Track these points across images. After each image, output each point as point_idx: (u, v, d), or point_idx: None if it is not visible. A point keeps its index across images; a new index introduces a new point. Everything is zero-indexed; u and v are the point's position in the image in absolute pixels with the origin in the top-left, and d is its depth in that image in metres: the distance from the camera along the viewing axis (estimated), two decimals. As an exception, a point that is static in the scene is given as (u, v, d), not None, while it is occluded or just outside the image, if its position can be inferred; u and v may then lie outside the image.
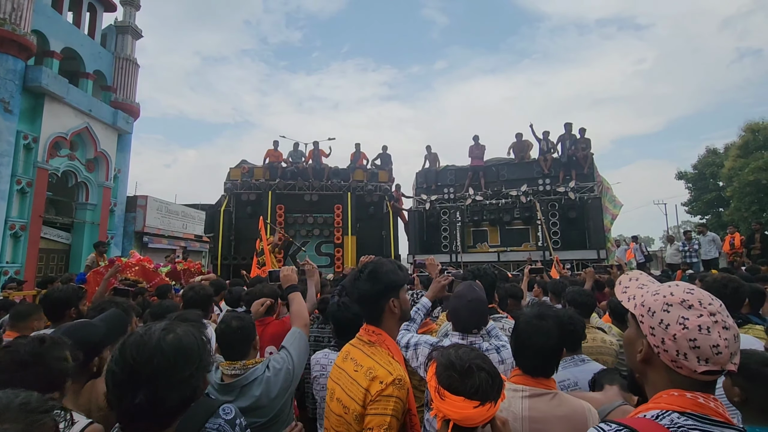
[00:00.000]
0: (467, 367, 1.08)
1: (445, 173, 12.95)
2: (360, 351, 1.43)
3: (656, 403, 0.86)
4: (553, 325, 1.41)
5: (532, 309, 1.53)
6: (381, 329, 1.45)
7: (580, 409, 1.32)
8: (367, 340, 1.45)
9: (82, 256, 15.84)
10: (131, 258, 5.98)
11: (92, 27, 18.21)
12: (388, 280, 1.45)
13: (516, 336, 1.47)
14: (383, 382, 1.28)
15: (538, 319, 1.43)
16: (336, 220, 12.02)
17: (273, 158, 12.59)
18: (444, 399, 1.06)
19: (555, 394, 1.36)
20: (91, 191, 16.94)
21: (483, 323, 1.94)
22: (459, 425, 1.06)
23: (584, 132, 11.52)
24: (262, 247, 7.73)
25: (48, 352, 1.14)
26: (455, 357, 1.12)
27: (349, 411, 1.33)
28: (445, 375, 1.09)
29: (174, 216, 22.59)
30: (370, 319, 1.48)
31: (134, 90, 19.46)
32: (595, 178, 11.30)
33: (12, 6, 13.08)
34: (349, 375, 1.39)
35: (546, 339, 1.39)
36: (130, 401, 0.91)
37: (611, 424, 0.85)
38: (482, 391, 1.05)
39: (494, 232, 12.11)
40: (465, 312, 1.91)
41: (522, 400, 1.34)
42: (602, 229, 10.79)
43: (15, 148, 13.31)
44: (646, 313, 0.89)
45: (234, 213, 12.18)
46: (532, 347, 1.39)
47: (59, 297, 2.46)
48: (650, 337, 0.87)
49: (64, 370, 1.15)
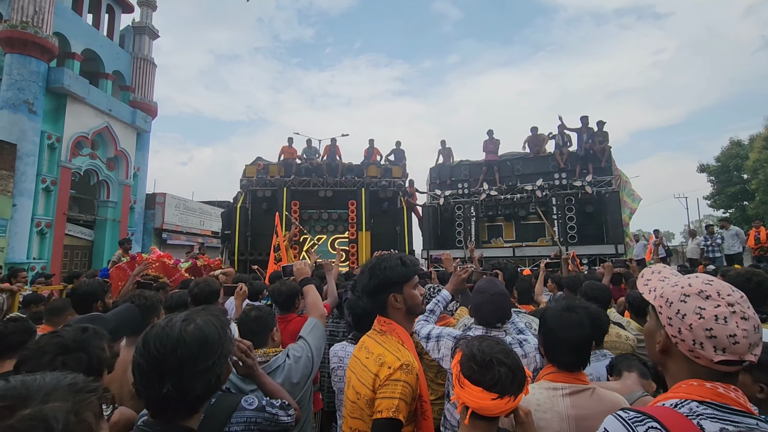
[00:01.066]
0: (488, 360, 1.10)
1: (459, 168, 12.87)
2: (372, 340, 1.49)
3: (675, 393, 0.87)
4: (584, 316, 1.40)
5: (558, 303, 1.52)
6: (390, 320, 1.50)
7: (618, 403, 1.31)
8: (379, 330, 1.50)
9: (104, 252, 16.32)
10: (152, 254, 6.13)
11: (111, 28, 18.60)
12: (385, 276, 1.48)
13: (546, 331, 1.44)
14: (391, 367, 1.32)
15: (568, 311, 1.42)
16: (350, 216, 12.08)
17: (288, 155, 12.71)
18: (463, 387, 1.10)
19: (593, 390, 1.34)
20: (111, 189, 17.39)
21: (506, 317, 1.95)
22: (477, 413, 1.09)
23: (602, 125, 11.30)
24: (279, 242, 7.84)
25: (90, 340, 1.20)
26: (477, 349, 1.14)
27: (361, 396, 1.38)
28: (466, 365, 1.12)
29: (191, 213, 23.04)
30: (378, 310, 1.53)
31: (152, 89, 19.86)
32: (613, 172, 11.08)
33: (34, 9, 13.44)
34: (361, 362, 1.44)
35: (580, 331, 1.37)
36: (158, 392, 0.94)
37: (629, 411, 0.86)
38: (501, 385, 1.07)
39: (509, 227, 11.99)
40: (488, 306, 1.91)
41: (563, 399, 1.32)
42: (620, 224, 10.59)
43: (39, 148, 13.74)
44: (664, 303, 0.90)
45: (250, 209, 12.35)
46: (567, 341, 1.37)
47: (86, 291, 2.55)
48: (668, 327, 0.88)
49: (103, 359, 1.21)
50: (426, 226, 12.48)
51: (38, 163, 13.64)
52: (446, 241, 12.28)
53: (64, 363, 1.10)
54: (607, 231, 10.87)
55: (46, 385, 0.59)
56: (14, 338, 2.02)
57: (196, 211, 23.51)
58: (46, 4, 13.73)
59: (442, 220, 12.56)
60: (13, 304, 4.79)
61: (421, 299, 1.54)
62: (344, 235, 12.21)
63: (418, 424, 1.36)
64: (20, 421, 0.54)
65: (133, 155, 18.29)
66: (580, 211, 10.99)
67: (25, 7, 13.30)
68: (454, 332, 1.95)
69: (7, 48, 13.30)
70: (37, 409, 0.55)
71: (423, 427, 1.36)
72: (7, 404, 0.55)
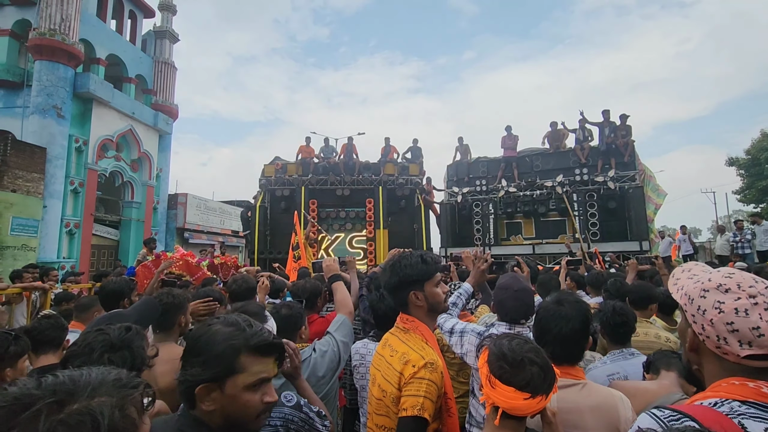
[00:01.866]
0: (519, 359, 1.09)
1: (476, 165, 12.74)
2: (396, 338, 1.49)
3: (715, 392, 0.83)
4: (571, 310, 1.39)
5: (552, 296, 1.53)
6: (413, 317, 1.50)
7: (610, 398, 1.30)
8: (402, 327, 1.50)
9: (129, 251, 16.80)
10: (175, 253, 6.27)
11: (133, 33, 19.09)
12: (404, 275, 1.49)
13: (536, 323, 1.47)
14: (415, 365, 1.33)
15: (556, 304, 1.43)
16: (368, 214, 12.11)
17: (305, 154, 12.82)
18: (495, 388, 1.08)
19: (584, 384, 1.34)
20: (136, 190, 17.89)
21: (530, 313, 1.93)
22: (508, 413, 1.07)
23: (625, 118, 11.01)
24: (297, 241, 7.91)
25: (133, 339, 1.25)
26: (508, 349, 1.12)
27: (386, 394, 1.39)
28: (497, 365, 1.11)
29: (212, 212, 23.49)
30: (401, 308, 1.54)
31: (173, 92, 20.30)
32: (637, 167, 10.79)
33: (61, 17, 13.90)
34: (386, 360, 1.44)
35: (564, 323, 1.37)
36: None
37: (665, 410, 0.83)
38: (533, 385, 1.07)
39: (528, 224, 11.82)
40: (512, 302, 1.90)
41: None
42: (645, 220, 10.30)
43: (67, 151, 14.22)
44: (687, 301, 0.88)
45: (269, 208, 12.51)
46: (550, 333, 1.39)
47: (114, 289, 2.63)
48: (693, 325, 0.87)
49: (144, 357, 1.26)
50: (444, 224, 12.41)
51: (66, 165, 14.13)
52: (464, 238, 12.19)
53: (110, 360, 1.16)
54: (630, 227, 10.60)
55: (92, 381, 0.61)
56: (49, 334, 2.11)
57: (216, 211, 23.96)
58: (72, 12, 14.18)
59: (460, 217, 12.47)
60: (45, 301, 4.98)
61: (444, 297, 1.52)
62: (362, 233, 12.25)
63: (443, 421, 1.37)
64: (69, 416, 0.56)
65: (156, 157, 18.77)
66: (603, 208, 10.74)
67: (53, 15, 13.77)
68: (479, 328, 1.93)
69: (36, 55, 13.80)
70: (84, 404, 0.57)
71: (448, 423, 1.36)
72: (57, 399, 0.56)
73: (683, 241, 10.99)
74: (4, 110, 14.91)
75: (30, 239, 12.38)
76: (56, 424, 0.54)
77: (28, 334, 1.98)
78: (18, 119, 14.45)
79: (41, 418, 0.54)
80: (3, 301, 4.70)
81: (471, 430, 1.92)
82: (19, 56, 15.48)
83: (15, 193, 12.03)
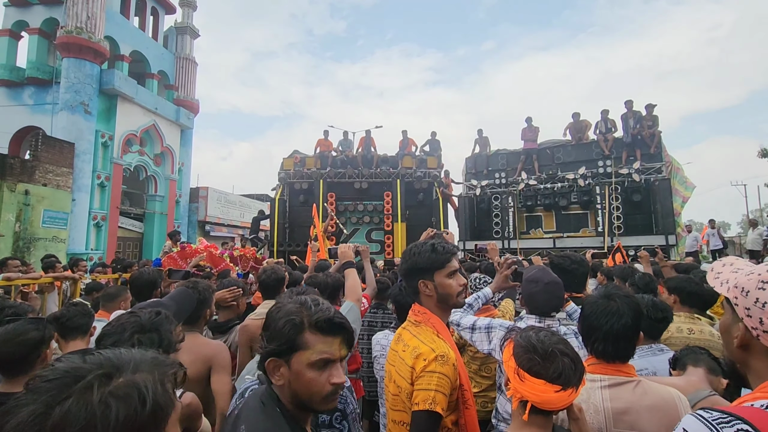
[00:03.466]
0: (550, 351, 1.06)
1: (496, 157, 12.55)
2: (408, 332, 1.47)
3: (765, 393, 0.78)
4: (623, 305, 1.33)
5: (599, 290, 1.46)
6: (425, 308, 1.47)
7: (668, 397, 1.23)
8: (414, 321, 1.48)
9: (153, 243, 17.28)
10: (199, 245, 6.43)
11: (155, 29, 19.45)
12: (413, 262, 1.47)
13: (583, 319, 1.40)
14: (426, 359, 1.31)
15: (606, 299, 1.37)
16: (386, 207, 12.10)
17: (323, 147, 12.87)
18: (524, 381, 1.05)
19: (638, 382, 1.27)
20: (159, 184, 18.34)
21: (560, 306, 1.89)
22: (536, 408, 1.04)
23: (651, 109, 10.64)
24: (316, 233, 7.98)
25: (162, 323, 1.30)
26: (537, 340, 1.09)
27: (402, 390, 1.37)
28: (525, 357, 1.07)
29: (232, 206, 23.91)
30: (413, 296, 1.53)
31: (194, 87, 20.65)
32: (664, 158, 10.43)
33: (87, 15, 14.26)
34: (399, 356, 1.43)
35: (616, 319, 1.31)
36: None
37: (713, 411, 0.78)
38: (565, 376, 1.03)
39: (549, 217, 11.60)
40: (542, 296, 1.87)
41: (601, 391, 1.27)
42: (671, 213, 9.97)
43: (94, 146, 14.67)
44: (740, 294, 0.83)
45: (288, 201, 12.64)
46: (601, 329, 1.32)
47: (148, 279, 2.68)
48: (746, 319, 0.81)
49: (172, 341, 1.31)
50: (462, 217, 12.31)
51: (93, 160, 14.59)
52: (483, 232, 12.06)
53: (139, 341, 1.21)
54: (656, 221, 10.28)
55: (134, 358, 0.65)
56: (77, 321, 2.18)
57: (236, 204, 24.38)
58: (97, 10, 14.54)
59: (479, 210, 12.33)
60: (75, 290, 5.16)
61: (460, 289, 1.47)
62: (380, 226, 12.26)
63: (460, 413, 1.35)
64: (118, 387, 0.59)
65: (178, 151, 19.18)
66: (627, 201, 10.45)
67: (79, 13, 14.15)
68: (506, 323, 1.91)
69: (64, 53, 14.23)
70: (130, 378, 0.61)
71: (465, 415, 1.35)
72: (106, 372, 0.60)
73: (712, 235, 10.62)
74: (34, 107, 15.46)
75: (60, 231, 12.87)
76: (107, 396, 0.57)
77: (57, 320, 2.05)
78: (48, 116, 14.97)
79: (93, 388, 0.57)
80: (36, 290, 4.90)
81: (498, 425, 1.90)
82: (48, 54, 15.99)
83: (46, 186, 12.50)
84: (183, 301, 1.82)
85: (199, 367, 1.94)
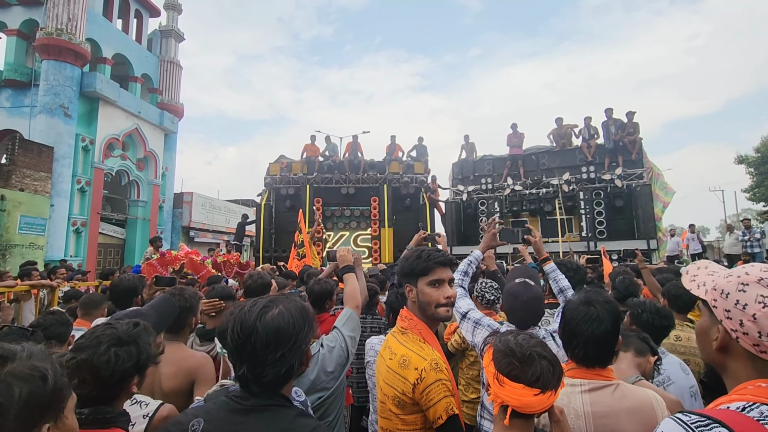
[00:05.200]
0: (528, 354, 1.06)
1: (482, 163, 12.68)
2: (395, 339, 1.47)
3: (741, 395, 0.79)
4: (603, 311, 1.34)
5: (579, 295, 1.46)
6: (412, 314, 1.48)
7: (647, 399, 1.25)
8: (400, 328, 1.48)
9: (135, 250, 16.90)
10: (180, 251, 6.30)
11: (139, 32, 19.17)
12: (401, 266, 1.52)
13: (564, 324, 1.40)
14: (417, 368, 1.32)
15: (586, 305, 1.37)
16: (373, 213, 12.09)
17: (310, 152, 12.81)
18: (503, 386, 1.05)
19: (617, 385, 1.29)
20: (141, 189, 17.98)
21: (539, 319, 1.91)
22: (517, 412, 1.04)
23: (632, 116, 10.89)
24: (302, 239, 7.91)
25: (141, 335, 1.25)
26: (515, 344, 1.09)
27: (388, 398, 1.38)
28: (504, 362, 1.07)
29: (217, 211, 23.57)
30: (403, 300, 1.56)
31: (178, 91, 20.38)
32: (645, 164, 10.69)
33: (68, 16, 13.97)
34: (386, 364, 1.43)
35: (596, 325, 1.32)
36: (237, 371, 1.02)
37: (691, 415, 0.79)
38: (543, 379, 1.03)
39: (534, 222, 11.73)
40: (521, 312, 1.88)
41: (582, 395, 1.28)
42: (652, 218, 10.20)
43: (74, 150, 14.31)
44: (719, 296, 0.84)
45: (274, 207, 12.53)
46: (582, 335, 1.33)
47: (128, 286, 2.59)
48: (726, 321, 0.82)
49: (150, 354, 1.25)
50: (449, 222, 12.37)
51: (73, 164, 14.23)
52: (469, 237, 12.13)
53: (116, 354, 1.16)
54: (638, 225, 10.50)
55: (26, 347, 0.71)
56: (54, 330, 2.11)
57: (221, 210, 24.05)
58: (79, 12, 14.26)
59: (465, 215, 12.42)
60: (53, 299, 5.01)
61: (444, 302, 1.42)
62: (367, 231, 12.24)
63: None
64: (16, 369, 0.66)
65: (162, 156, 18.85)
66: (610, 206, 10.65)
67: (60, 14, 13.85)
68: (494, 324, 1.91)
69: (43, 55, 13.90)
70: (26, 362, 0.68)
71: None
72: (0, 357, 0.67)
73: (692, 239, 10.89)
74: (11, 110, 15.04)
75: (38, 237, 12.48)
76: (6, 375, 0.64)
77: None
78: (25, 119, 14.57)
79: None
80: (11, 298, 4.73)
81: (482, 423, 1.89)
82: (26, 56, 15.60)
83: (23, 192, 12.13)
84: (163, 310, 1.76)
85: (181, 380, 1.88)
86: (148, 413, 1.40)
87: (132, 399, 1.41)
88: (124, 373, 1.16)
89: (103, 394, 1.14)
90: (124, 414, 1.21)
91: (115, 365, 1.13)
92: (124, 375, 1.16)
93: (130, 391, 1.21)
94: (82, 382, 1.12)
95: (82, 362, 1.12)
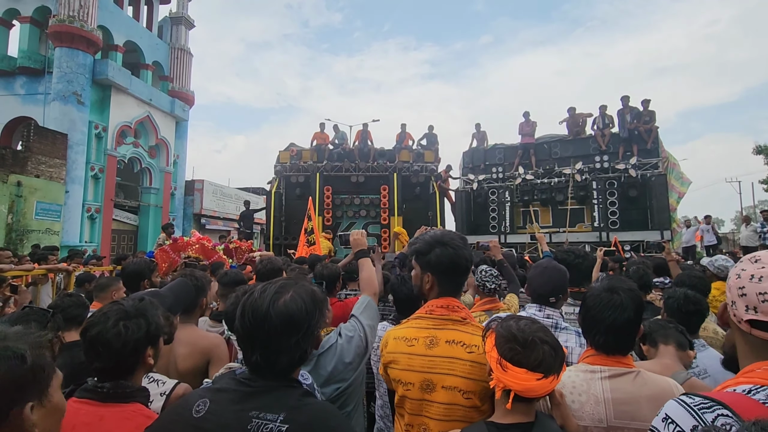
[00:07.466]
0: (530, 339, 1.07)
1: (493, 152, 12.54)
2: (459, 332, 1.35)
3: (749, 377, 0.79)
4: (626, 299, 1.32)
5: (602, 283, 1.44)
6: (462, 303, 1.43)
7: (667, 387, 1.24)
8: (460, 318, 1.38)
9: (148, 236, 17.16)
10: (192, 237, 6.39)
11: (149, 19, 19.16)
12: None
13: (585, 311, 1.39)
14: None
15: (609, 292, 1.35)
16: (382, 201, 12.08)
17: (320, 140, 12.79)
18: (506, 371, 1.06)
19: (638, 373, 1.27)
20: (153, 176, 18.17)
21: (559, 291, 1.88)
22: (520, 396, 1.05)
23: (647, 104, 10.64)
24: (312, 226, 7.95)
25: (147, 308, 1.28)
26: (517, 329, 1.10)
27: (474, 394, 1.27)
28: (506, 347, 1.08)
29: (228, 199, 23.76)
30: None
31: (189, 79, 20.41)
32: (660, 154, 10.46)
33: (80, 3, 14.00)
34: (467, 357, 1.29)
35: (619, 313, 1.30)
36: (249, 359, 1.01)
37: (695, 397, 0.79)
38: (546, 364, 1.05)
39: (546, 212, 11.63)
40: (539, 279, 1.89)
41: (602, 382, 1.27)
42: (667, 209, 10.01)
43: (88, 137, 14.48)
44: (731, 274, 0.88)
45: (284, 195, 12.58)
46: (604, 322, 1.31)
47: (134, 269, 2.65)
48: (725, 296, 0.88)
49: (160, 326, 1.29)
50: (459, 212, 12.31)
51: (87, 151, 14.40)
52: (479, 226, 12.08)
53: (125, 326, 1.19)
54: (652, 216, 10.34)
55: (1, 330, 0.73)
56: (71, 311, 2.15)
57: (232, 197, 24.23)
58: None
59: (476, 205, 12.34)
60: (69, 282, 5.12)
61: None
62: (376, 220, 12.24)
63: None
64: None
65: (173, 143, 18.98)
66: (623, 196, 10.48)
67: (72, 2, 13.89)
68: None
69: (56, 42, 13.99)
70: (2, 344, 0.69)
71: None
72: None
73: (707, 231, 10.68)
74: (26, 97, 15.23)
75: (53, 223, 12.73)
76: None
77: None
78: (40, 106, 14.75)
79: None
80: (29, 282, 4.84)
81: None
82: (39, 43, 15.72)
83: (38, 178, 12.34)
84: (180, 292, 1.80)
85: (196, 360, 1.92)
86: (165, 391, 1.44)
87: (149, 377, 1.45)
88: (137, 343, 1.19)
89: (121, 366, 1.18)
90: (144, 390, 1.24)
91: (125, 336, 1.17)
92: (136, 345, 1.19)
93: (147, 364, 1.24)
94: (97, 356, 1.16)
95: (94, 338, 1.16)
